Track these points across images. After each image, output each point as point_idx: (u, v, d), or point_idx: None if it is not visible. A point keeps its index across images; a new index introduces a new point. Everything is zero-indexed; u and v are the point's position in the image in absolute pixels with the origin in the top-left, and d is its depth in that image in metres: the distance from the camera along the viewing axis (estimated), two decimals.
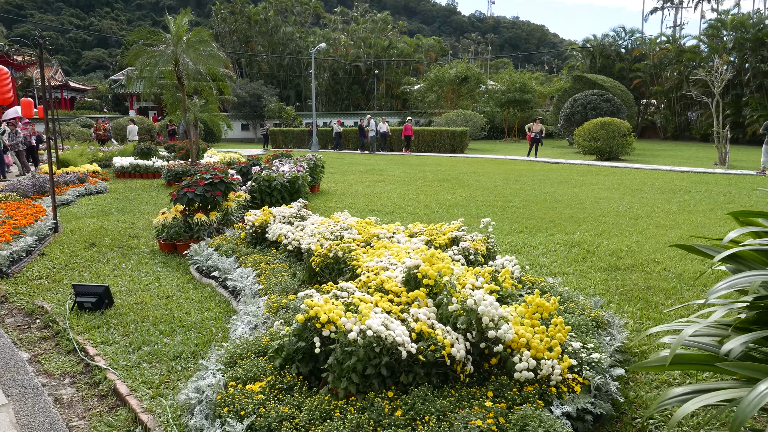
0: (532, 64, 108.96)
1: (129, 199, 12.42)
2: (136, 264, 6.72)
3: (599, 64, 46.13)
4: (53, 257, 7.06)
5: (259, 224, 6.28)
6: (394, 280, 3.45)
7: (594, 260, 6.73)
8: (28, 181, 11.53)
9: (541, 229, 8.70)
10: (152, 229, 8.62)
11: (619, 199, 11.92)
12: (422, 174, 17.51)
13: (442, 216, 9.91)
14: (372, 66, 52.17)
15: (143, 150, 17.82)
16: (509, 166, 20.73)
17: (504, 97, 41.94)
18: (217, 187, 7.20)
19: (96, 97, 58.58)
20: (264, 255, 5.87)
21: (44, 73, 8.01)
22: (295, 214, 6.32)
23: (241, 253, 5.98)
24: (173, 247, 7.19)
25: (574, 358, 3.19)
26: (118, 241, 7.98)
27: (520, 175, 16.95)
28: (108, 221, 9.61)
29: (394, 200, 11.89)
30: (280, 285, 4.68)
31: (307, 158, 13.20)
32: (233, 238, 6.71)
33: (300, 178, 9.78)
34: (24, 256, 6.81)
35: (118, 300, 5.36)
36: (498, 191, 13.18)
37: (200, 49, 14.38)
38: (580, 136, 24.73)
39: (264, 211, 6.48)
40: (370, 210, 10.56)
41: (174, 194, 7.19)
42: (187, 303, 5.25)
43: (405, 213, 10.26)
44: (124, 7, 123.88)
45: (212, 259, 5.93)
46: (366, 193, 13.00)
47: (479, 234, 5.14)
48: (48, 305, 5.25)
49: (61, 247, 7.61)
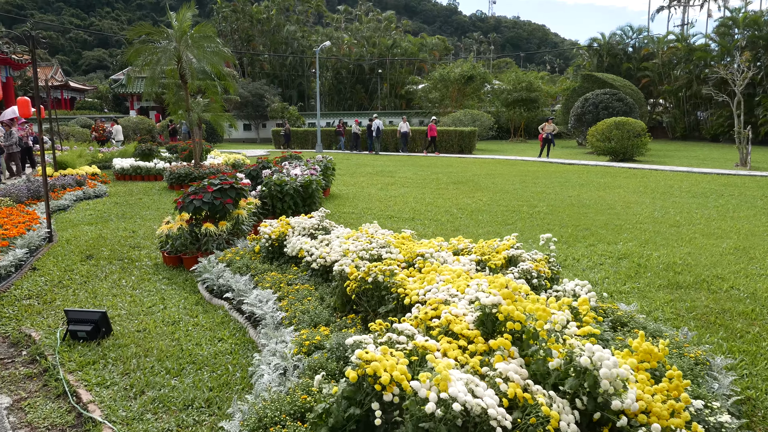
0: (534, 63, 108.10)
1: (129, 203, 11.71)
2: (138, 280, 6.01)
3: (606, 63, 45.43)
4: (46, 272, 6.35)
5: (277, 237, 5.57)
6: (462, 320, 2.75)
7: (649, 276, 6.02)
8: (22, 185, 10.83)
9: (578, 238, 7.99)
10: (155, 239, 7.92)
11: (650, 203, 11.21)
12: (434, 176, 16.80)
13: (466, 223, 9.21)
14: (375, 65, 51.45)
15: (144, 151, 17.12)
16: (522, 167, 20.02)
17: (510, 96, 41.24)
18: (227, 194, 6.49)
19: (96, 98, 57.86)
20: (283, 273, 5.16)
21: (36, 67, 7.31)
22: (317, 225, 5.61)
23: (256, 270, 5.27)
24: (179, 261, 6.49)
25: (701, 424, 2.48)
26: (117, 253, 7.27)
27: (537, 177, 16.24)
28: (107, 229, 8.91)
29: (411, 205, 11.18)
30: (308, 314, 3.97)
31: (318, 160, 12.49)
32: (246, 251, 6.00)
33: (314, 182, 9.08)
34: (12, 271, 6.10)
35: (117, 326, 4.65)
36: (519, 195, 12.47)
37: (204, 46, 13.66)
38: (593, 136, 24.02)
39: (281, 222, 5.77)
40: (388, 216, 9.85)
41: (179, 202, 6.48)
42: (197, 331, 4.54)
43: (426, 219, 9.56)
44: (124, 7, 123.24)
45: (224, 277, 5.22)
46: (380, 197, 12.29)
47: (538, 252, 4.42)
48: (36, 333, 4.55)
49: (55, 259, 6.91)
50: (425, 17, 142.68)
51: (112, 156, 19.81)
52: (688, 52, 39.69)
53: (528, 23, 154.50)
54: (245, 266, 5.40)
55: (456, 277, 3.59)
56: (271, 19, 50.60)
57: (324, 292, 4.48)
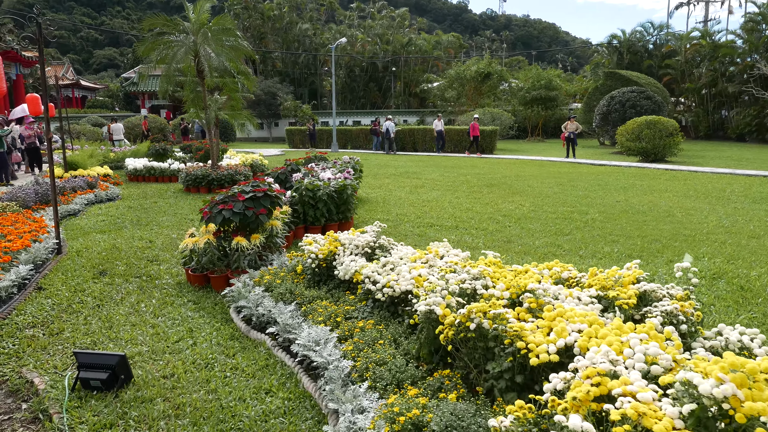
0: (546, 62, 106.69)
1: (144, 208, 10.89)
2: (160, 304, 5.15)
3: (627, 60, 44.27)
4: (53, 293, 5.51)
5: (325, 256, 4.69)
6: (658, 412, 1.85)
7: (760, 302, 5.08)
8: (30, 189, 10.03)
9: (652, 252, 7.05)
10: (176, 252, 7.07)
11: (709, 209, 10.24)
12: (463, 178, 15.87)
13: (517, 232, 8.28)
14: (389, 63, 50.54)
15: (158, 151, 16.32)
16: (552, 168, 19.05)
17: (528, 94, 40.20)
18: (260, 203, 5.62)
19: (107, 96, 57.39)
20: (336, 302, 4.29)
21: (43, 55, 6.48)
22: (373, 243, 4.72)
23: (303, 297, 4.39)
24: (205, 280, 5.63)
25: None
26: (134, 268, 6.42)
27: (572, 180, 15.27)
28: (121, 238, 8.07)
29: (449, 211, 10.28)
30: (385, 366, 3.09)
31: (345, 161, 11.61)
32: (285, 272, 5.13)
33: (348, 186, 8.19)
34: (15, 293, 5.26)
35: (138, 370, 3.79)
36: (562, 200, 11.52)
37: (223, 39, 12.83)
38: (622, 136, 23.01)
39: (329, 239, 4.88)
40: (428, 224, 8.95)
41: (205, 212, 5.62)
42: (237, 378, 3.66)
43: (471, 228, 8.64)
44: (135, 6, 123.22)
45: (264, 306, 4.35)
46: (412, 202, 11.39)
47: (674, 286, 3.47)
48: (40, 380, 3.69)
49: (64, 276, 6.07)
50: (435, 15, 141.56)
51: (124, 156, 19.06)
52: (713, 49, 38.45)
53: (538, 21, 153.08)
54: (288, 292, 4.52)
55: (590, 325, 2.69)
56: (283, 16, 49.78)
57: (396, 332, 3.59)
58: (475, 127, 26.26)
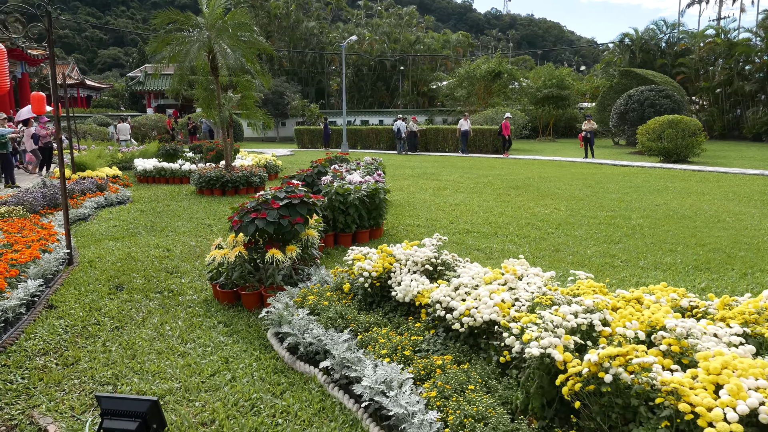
0: (551, 61, 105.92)
1: (157, 212, 10.30)
2: (187, 326, 4.55)
3: (639, 59, 43.53)
4: (66, 311, 4.91)
5: (379, 275, 4.08)
6: None
7: None
8: (37, 192, 9.45)
9: (717, 263, 6.41)
10: (197, 263, 6.48)
11: (759, 214, 9.59)
12: (485, 179, 15.25)
13: (562, 240, 7.66)
14: (397, 62, 49.92)
15: (168, 151, 15.74)
16: (573, 169, 18.40)
17: (540, 93, 39.55)
18: (296, 211, 5.02)
19: (112, 96, 56.94)
20: (397, 329, 3.68)
21: (53, 47, 5.89)
22: (434, 259, 4.11)
23: (358, 324, 3.78)
24: (235, 297, 5.03)
25: None
26: (153, 281, 5.83)
27: (599, 181, 14.63)
28: (136, 246, 7.48)
29: (481, 215, 9.66)
30: (488, 424, 2.47)
31: (368, 162, 11.02)
32: (329, 290, 4.52)
33: (381, 190, 7.59)
34: (23, 313, 4.67)
35: (170, 413, 3.19)
36: (597, 203, 10.88)
37: (238, 35, 12.23)
38: (643, 135, 22.37)
39: (382, 254, 4.26)
40: (463, 230, 8.34)
41: (235, 221, 5.01)
42: (291, 427, 3.06)
43: (511, 235, 8.02)
44: (139, 6, 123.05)
45: (312, 333, 3.74)
46: (439, 205, 10.78)
47: None
48: (55, 427, 3.09)
49: (77, 291, 5.48)
50: (440, 15, 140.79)
51: (132, 156, 18.50)
52: (729, 47, 37.74)
53: (543, 21, 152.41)
54: (339, 315, 3.91)
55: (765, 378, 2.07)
56: (290, 14, 49.19)
57: (485, 372, 2.97)
58: (506, 126, 25.36)
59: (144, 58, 60.94)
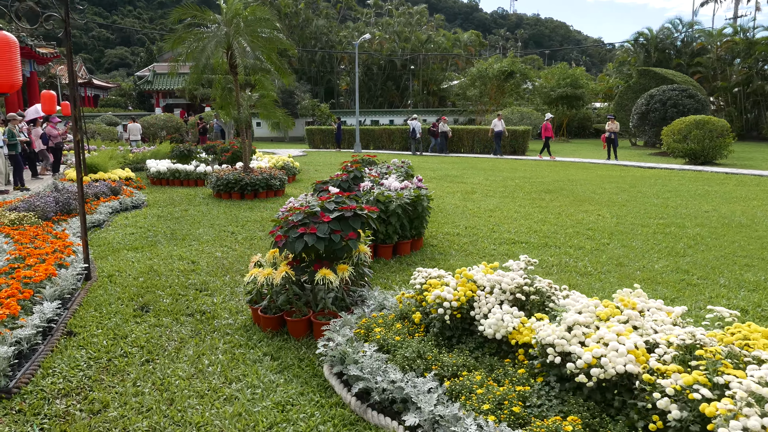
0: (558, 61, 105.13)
1: (175, 217, 9.70)
2: (228, 360, 3.93)
3: (655, 58, 42.73)
4: (87, 339, 4.30)
5: (460, 304, 3.45)
6: None
7: None
8: (49, 197, 8.86)
9: None
10: (227, 278, 5.86)
11: None
12: (511, 182, 14.59)
13: (623, 253, 7.00)
14: (408, 61, 49.25)
15: (183, 152, 15.14)
16: (599, 171, 17.72)
17: (553, 92, 38.85)
18: (349, 225, 4.40)
19: (119, 95, 56.53)
20: (490, 372, 3.05)
21: (70, 40, 5.29)
22: (526, 285, 3.46)
23: (443, 366, 3.14)
24: (280, 323, 4.41)
25: None
26: (182, 301, 5.21)
27: (632, 185, 13.95)
28: (157, 257, 6.87)
29: (522, 223, 9.01)
30: None
31: (397, 165, 10.39)
32: (393, 319, 3.88)
33: (424, 197, 6.96)
34: (39, 342, 4.06)
35: None
36: (641, 209, 10.21)
37: (257, 31, 11.62)
38: (668, 136, 21.64)
39: (461, 279, 3.62)
40: (510, 240, 7.69)
41: (279, 236, 4.38)
42: None
43: (564, 245, 7.37)
44: (146, 5, 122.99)
45: (387, 376, 3.11)
46: (474, 211, 10.13)
47: None
48: None
49: (98, 314, 4.87)
50: (446, 14, 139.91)
51: (143, 157, 17.95)
52: (748, 46, 36.95)
53: (550, 20, 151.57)
54: (417, 355, 3.27)
55: None
56: (299, 13, 48.58)
57: None
58: (548, 127, 24.05)
59: (152, 58, 60.56)
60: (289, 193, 12.62)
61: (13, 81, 4.86)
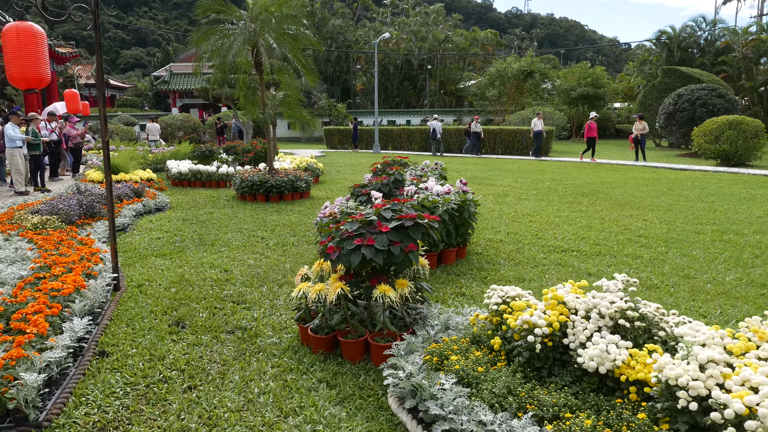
0: (573, 60, 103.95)
1: (201, 221, 9.34)
2: (280, 389, 3.50)
3: (677, 57, 41.83)
4: (121, 361, 3.90)
5: (552, 331, 2.99)
6: None
7: None
8: (72, 199, 8.52)
9: None
10: (265, 289, 5.45)
11: None
12: (542, 184, 14.08)
13: (685, 263, 6.48)
14: (424, 61, 48.73)
15: (204, 153, 14.81)
16: (631, 173, 17.14)
17: (574, 92, 38.15)
18: (409, 235, 3.96)
19: (136, 95, 56.66)
20: (597, 414, 2.59)
21: (99, 34, 4.93)
22: (630, 310, 2.99)
23: (541, 406, 2.68)
24: (333, 344, 3.99)
25: None
26: (219, 316, 4.80)
27: (670, 188, 13.35)
28: (188, 265, 6.49)
29: (565, 228, 8.51)
30: None
31: (431, 167, 9.94)
32: (469, 343, 3.43)
33: (470, 202, 6.50)
34: (70, 364, 3.67)
35: None
36: (688, 213, 9.66)
37: (284, 27, 11.24)
38: (699, 137, 20.96)
39: (552, 301, 3.17)
40: (559, 248, 7.20)
41: (331, 247, 3.95)
42: None
43: (618, 254, 6.87)
44: (161, 7, 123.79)
45: (474, 415, 2.67)
46: (510, 215, 9.65)
47: None
48: None
49: (130, 330, 4.48)
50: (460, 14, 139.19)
51: (163, 157, 17.68)
52: None
53: (564, 20, 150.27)
54: (507, 390, 2.82)
55: None
56: (316, 12, 48.28)
57: None
58: (592, 127, 22.59)
59: (168, 58, 60.65)
60: (315, 195, 12.22)
61: (42, 75, 4.49)
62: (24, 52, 4.56)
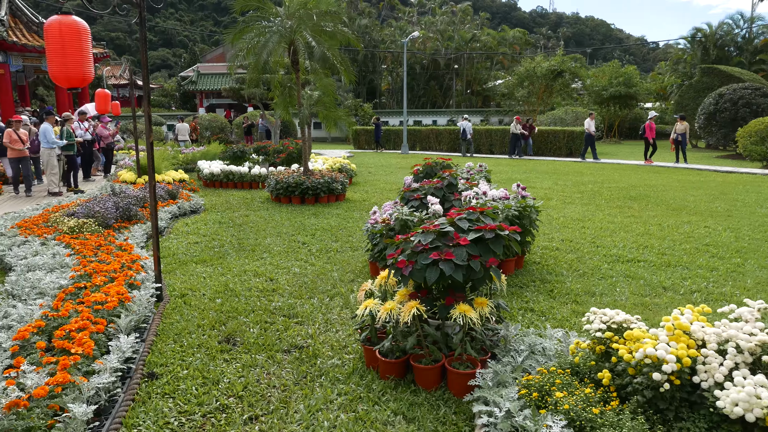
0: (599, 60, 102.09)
1: (237, 224, 9.03)
2: (352, 422, 3.11)
3: (713, 56, 40.52)
4: (172, 385, 3.55)
5: (681, 367, 2.55)
6: None
7: None
8: (109, 201, 8.28)
9: None
10: (315, 301, 5.07)
11: None
12: (584, 187, 13.50)
13: (767, 276, 5.94)
14: (451, 60, 48.15)
15: (236, 153, 14.57)
16: (674, 175, 16.42)
17: (605, 92, 37.17)
18: (489, 249, 3.55)
19: (162, 95, 57.18)
20: None
21: (144, 27, 4.61)
22: None
23: None
24: (404, 369, 3.59)
25: None
26: (271, 332, 4.44)
27: (721, 192, 12.66)
28: (230, 273, 6.16)
29: (623, 236, 7.97)
30: None
31: (477, 169, 9.48)
32: (570, 378, 3.00)
33: (531, 209, 6.05)
34: (119, 387, 3.33)
35: None
36: (750, 220, 9.03)
37: (322, 25, 10.90)
38: (745, 139, 20.08)
39: (677, 331, 2.72)
40: (623, 258, 6.70)
41: (402, 261, 3.55)
42: None
43: (689, 265, 6.34)
44: (187, 8, 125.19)
45: None
46: (560, 221, 9.15)
47: None
48: None
49: (178, 347, 4.13)
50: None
51: (193, 158, 17.52)
52: None
53: (590, 19, 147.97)
54: None
55: None
56: (341, 12, 48.11)
57: None
58: (652, 127, 21.31)
59: (195, 59, 61.09)
60: (350, 198, 11.85)
61: (85, 73, 4.18)
62: (67, 49, 4.26)
